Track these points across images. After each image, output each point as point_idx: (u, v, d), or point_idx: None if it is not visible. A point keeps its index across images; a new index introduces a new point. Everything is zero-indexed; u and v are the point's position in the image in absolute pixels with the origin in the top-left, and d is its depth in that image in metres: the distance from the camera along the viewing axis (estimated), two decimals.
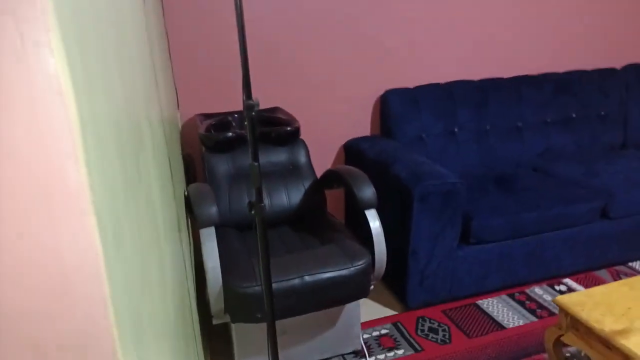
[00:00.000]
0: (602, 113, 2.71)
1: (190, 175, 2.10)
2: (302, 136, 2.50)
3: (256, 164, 0.93)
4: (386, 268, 2.20)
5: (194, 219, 1.58)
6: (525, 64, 2.73)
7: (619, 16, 2.81)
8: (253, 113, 0.91)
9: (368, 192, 1.73)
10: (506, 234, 2.06)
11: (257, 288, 1.50)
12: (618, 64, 2.90)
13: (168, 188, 0.95)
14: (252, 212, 1.03)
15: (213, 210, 1.55)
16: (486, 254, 2.07)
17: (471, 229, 2.02)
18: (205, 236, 1.53)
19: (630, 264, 2.38)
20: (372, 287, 1.77)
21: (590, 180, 2.34)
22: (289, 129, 2.04)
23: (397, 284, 2.13)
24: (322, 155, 2.57)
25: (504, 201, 2.14)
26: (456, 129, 2.51)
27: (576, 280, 2.26)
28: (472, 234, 2.03)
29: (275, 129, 2.04)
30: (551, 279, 2.28)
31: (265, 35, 2.29)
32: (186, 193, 1.73)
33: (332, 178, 1.96)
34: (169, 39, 2.17)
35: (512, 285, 2.20)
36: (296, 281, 1.54)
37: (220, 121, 2.11)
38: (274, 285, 1.52)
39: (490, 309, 2.07)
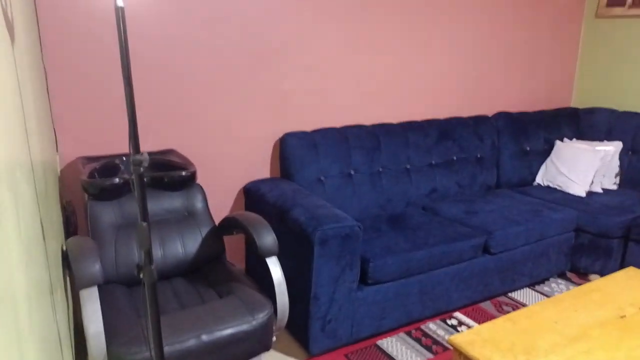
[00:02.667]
0: (479, 156, 2.99)
1: (71, 226, 1.89)
2: (199, 180, 2.40)
3: (145, 224, 0.85)
4: (290, 310, 2.15)
5: (73, 278, 1.41)
6: (412, 110, 2.94)
7: (490, 69, 3.17)
8: (141, 169, 0.84)
9: (269, 239, 1.69)
10: (400, 272, 2.14)
11: (146, 354, 1.36)
12: (489, 111, 3.25)
13: (36, 248, 0.82)
14: (141, 276, 0.93)
15: (95, 267, 1.39)
16: (383, 293, 2.13)
17: (368, 269, 2.07)
18: (86, 298, 1.36)
19: (509, 294, 2.60)
20: (274, 338, 1.71)
21: (472, 218, 2.54)
22: (184, 173, 1.94)
23: (299, 330, 2.09)
24: (221, 199, 2.49)
25: (397, 240, 2.23)
26: (352, 171, 2.60)
27: (465, 314, 2.40)
28: (369, 275, 2.08)
29: (168, 173, 1.93)
30: (443, 314, 2.40)
31: (157, 73, 2.19)
32: (64, 248, 1.54)
33: (231, 224, 1.89)
34: (47, 74, 1.98)
35: (409, 322, 2.27)
36: (192, 342, 1.43)
37: (105, 165, 1.94)
38: (166, 349, 1.39)
39: (390, 349, 2.11)
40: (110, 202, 1.84)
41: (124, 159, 2.07)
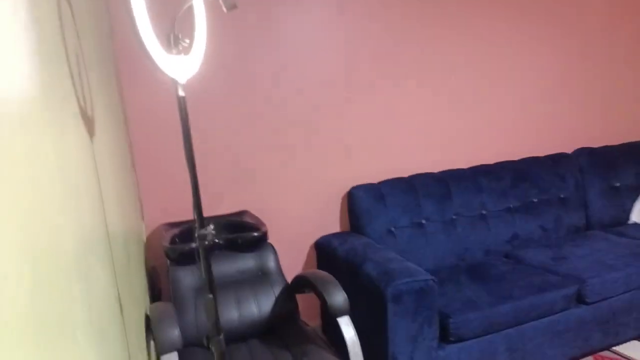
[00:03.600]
0: (562, 196, 2.79)
1: (156, 291, 2.00)
2: (272, 238, 2.46)
3: (211, 296, 0.88)
4: None
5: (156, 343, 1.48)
6: (482, 153, 2.85)
7: (566, 103, 3.02)
8: (206, 242, 0.88)
9: (339, 298, 1.67)
10: (485, 328, 2.00)
11: None
12: (568, 148, 3.06)
13: (110, 325, 0.88)
14: (210, 347, 0.96)
15: (175, 334, 1.45)
16: (468, 352, 1.99)
17: (449, 326, 1.96)
18: None
19: (614, 348, 2.32)
20: None
21: (561, 265, 2.34)
22: (255, 234, 2.01)
23: None
24: (294, 256, 2.53)
25: (478, 293, 2.11)
26: (423, 221, 2.53)
27: None
28: (451, 332, 1.96)
29: (242, 235, 2.01)
30: None
31: (228, 140, 2.33)
32: (147, 313, 1.63)
33: (302, 283, 1.90)
34: (133, 151, 2.18)
35: None
36: None
37: (185, 230, 2.06)
38: None
39: None
40: (190, 266, 1.94)
41: None
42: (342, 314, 1.65)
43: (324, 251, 2.41)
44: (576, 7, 2.97)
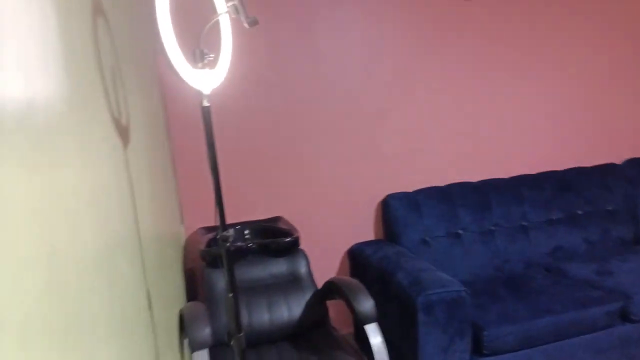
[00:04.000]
0: (609, 208, 2.66)
1: (192, 292, 2.08)
2: (305, 244, 2.50)
3: (231, 295, 0.92)
4: None
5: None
6: (523, 163, 2.77)
7: (614, 112, 2.89)
8: (227, 244, 0.92)
9: (367, 305, 1.68)
10: (521, 342, 1.94)
11: None
12: (617, 159, 2.91)
13: (136, 320, 0.94)
14: (231, 343, 1.00)
15: (205, 332, 1.51)
16: None
17: (483, 339, 1.91)
18: None
19: None
20: None
21: (606, 280, 2.24)
22: (287, 239, 2.05)
23: None
24: (327, 264, 2.55)
25: (516, 306, 2.05)
26: (460, 231, 2.49)
27: None
28: (484, 344, 1.92)
29: (274, 240, 2.05)
30: None
31: (263, 147, 2.39)
32: (180, 313, 1.70)
33: (331, 289, 1.92)
34: (174, 158, 2.29)
35: None
36: None
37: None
38: None
39: None
40: (222, 269, 2.00)
41: (238, 227, 2.25)
42: (369, 321, 1.66)
43: (357, 259, 2.42)
44: (626, 4, 2.84)
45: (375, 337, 1.63)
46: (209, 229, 2.25)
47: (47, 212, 0.50)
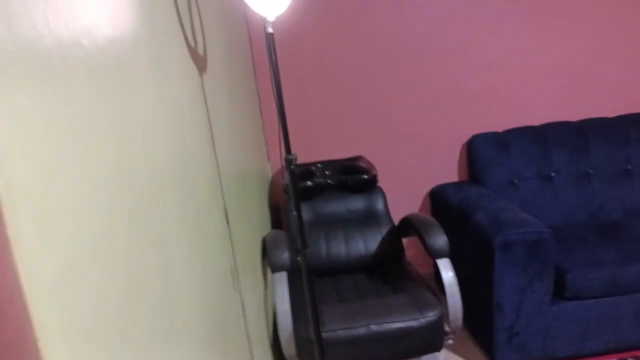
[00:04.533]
0: None
1: (277, 222, 2.24)
2: (385, 183, 2.53)
3: (295, 213, 1.00)
4: (472, 320, 2.08)
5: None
6: (630, 100, 2.48)
7: None
8: (292, 166, 0.99)
9: (439, 240, 1.69)
10: (608, 288, 1.84)
11: (322, 334, 1.53)
12: None
13: (213, 230, 1.06)
14: (297, 257, 1.09)
15: (284, 256, 1.64)
16: (585, 311, 1.86)
17: (566, 282, 1.84)
18: (276, 280, 1.62)
19: None
20: (450, 341, 1.69)
21: None
22: (365, 177, 2.09)
23: (484, 338, 2.00)
24: (408, 203, 2.57)
25: (606, 252, 1.92)
26: (552, 174, 2.35)
27: None
28: (567, 288, 1.85)
29: (351, 177, 2.11)
30: None
31: (345, 83, 2.41)
32: (263, 239, 1.85)
33: (407, 225, 1.95)
34: (259, 97, 2.40)
35: (621, 349, 1.92)
36: (362, 330, 1.54)
37: (303, 171, 2.24)
38: (339, 333, 1.54)
39: None
40: (304, 202, 2.12)
41: (319, 165, 2.34)
42: (441, 255, 1.67)
43: (438, 200, 2.41)
44: None
45: (446, 271, 1.65)
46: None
47: (123, 135, 0.58)
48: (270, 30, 0.94)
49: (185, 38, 0.94)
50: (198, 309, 0.79)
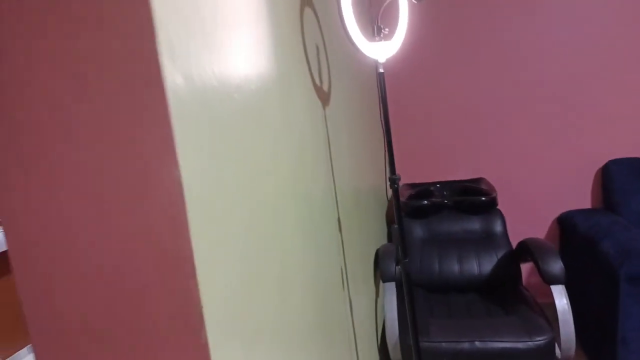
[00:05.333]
0: None
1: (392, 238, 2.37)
2: (509, 206, 2.50)
3: (396, 226, 1.14)
4: (593, 350, 1.96)
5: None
6: None
7: None
8: (396, 185, 1.14)
9: (554, 266, 1.67)
10: None
11: (426, 344, 1.63)
12: None
13: (323, 234, 1.25)
14: (397, 266, 1.23)
15: (393, 268, 1.77)
16: None
17: None
18: (386, 290, 1.76)
19: None
20: None
21: None
22: (483, 198, 2.12)
23: None
24: (532, 228, 2.50)
25: None
26: None
27: None
28: None
29: (468, 198, 2.16)
30: None
31: (471, 106, 2.46)
32: (377, 251, 2.01)
33: (523, 250, 1.93)
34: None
35: None
36: (466, 345, 1.60)
37: (422, 190, 2.35)
38: (443, 345, 1.62)
39: None
40: (420, 220, 2.22)
41: (438, 186, 2.42)
42: (555, 282, 1.65)
43: (566, 226, 2.31)
44: None
45: (560, 298, 1.62)
46: (413, 186, 2.49)
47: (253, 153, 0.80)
48: (381, 70, 1.11)
49: (312, 78, 1.16)
50: (309, 295, 0.98)
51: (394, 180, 1.14)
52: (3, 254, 1.61)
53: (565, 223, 2.32)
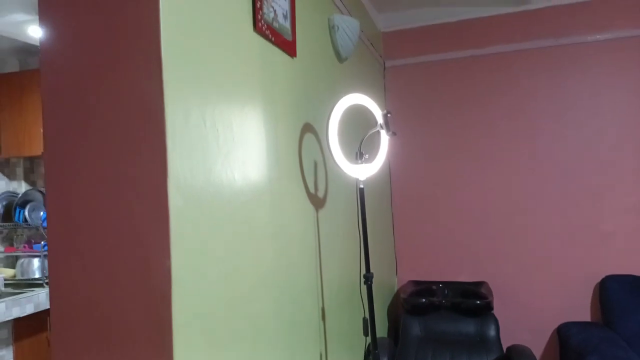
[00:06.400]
0: None
1: (393, 331, 2.49)
2: (508, 313, 2.59)
3: (367, 318, 1.34)
4: None
5: None
6: None
7: None
8: (369, 283, 1.36)
9: None
10: None
11: None
12: None
13: (307, 329, 1.45)
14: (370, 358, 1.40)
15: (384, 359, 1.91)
16: None
17: None
18: None
19: None
20: None
21: None
22: (478, 302, 2.25)
23: None
24: (531, 335, 2.56)
25: None
26: None
27: None
28: None
29: (464, 300, 2.29)
30: None
31: (475, 216, 2.66)
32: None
33: (509, 355, 2.02)
34: (393, 218, 2.81)
35: None
36: None
37: (424, 288, 2.50)
38: None
39: None
40: (419, 317, 2.35)
41: (440, 285, 2.57)
42: None
43: (562, 337, 2.37)
44: None
45: None
46: (418, 283, 2.64)
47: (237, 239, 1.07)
48: (361, 186, 1.38)
49: (306, 188, 1.44)
50: None
51: (367, 278, 1.36)
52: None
53: (562, 334, 2.38)
